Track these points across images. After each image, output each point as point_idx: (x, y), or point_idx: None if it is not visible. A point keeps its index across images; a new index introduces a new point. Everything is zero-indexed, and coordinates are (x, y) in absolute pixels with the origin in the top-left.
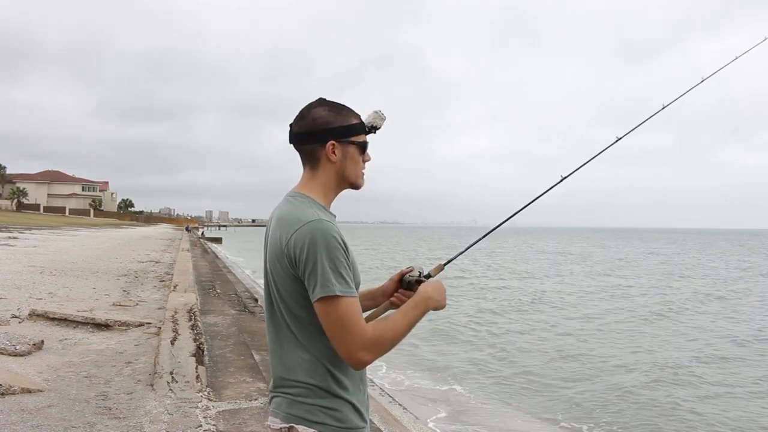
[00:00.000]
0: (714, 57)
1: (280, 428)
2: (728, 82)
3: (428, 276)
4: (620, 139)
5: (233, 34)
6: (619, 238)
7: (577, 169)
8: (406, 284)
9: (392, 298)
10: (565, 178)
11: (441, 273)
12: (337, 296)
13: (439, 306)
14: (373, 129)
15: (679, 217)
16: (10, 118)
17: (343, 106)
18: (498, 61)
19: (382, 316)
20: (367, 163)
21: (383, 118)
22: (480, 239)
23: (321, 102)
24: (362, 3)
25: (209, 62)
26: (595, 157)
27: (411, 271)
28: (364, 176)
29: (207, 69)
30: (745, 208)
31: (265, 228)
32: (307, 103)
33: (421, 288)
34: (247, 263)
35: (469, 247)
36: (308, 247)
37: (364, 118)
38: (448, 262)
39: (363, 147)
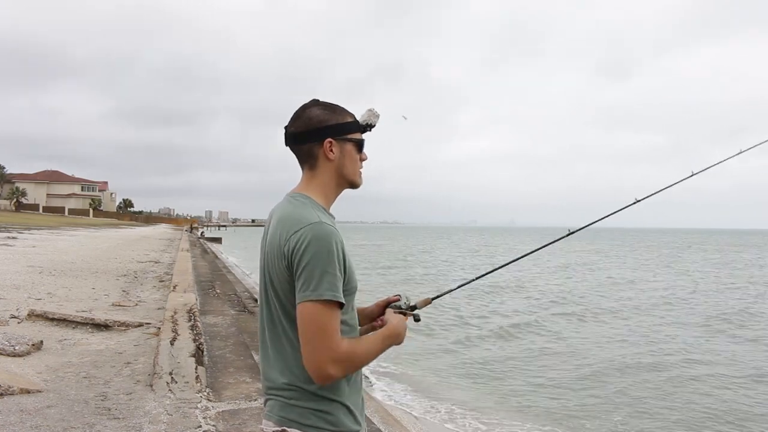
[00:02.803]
0: (691, 69)
1: (273, 431)
2: (723, 86)
3: (414, 308)
4: (639, 201)
5: (244, 41)
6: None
7: (590, 224)
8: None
9: (375, 323)
10: (572, 233)
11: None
12: (323, 302)
13: (399, 342)
14: (369, 127)
15: (675, 217)
16: (13, 120)
17: (337, 105)
18: (498, 71)
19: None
20: (365, 162)
21: (377, 116)
22: (472, 280)
23: (315, 102)
24: (370, 18)
25: (219, 69)
26: (612, 214)
27: (398, 300)
28: (362, 175)
29: (217, 76)
30: (737, 210)
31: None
32: (300, 105)
33: (394, 322)
34: (247, 263)
35: (461, 286)
36: (305, 249)
37: (358, 117)
38: (437, 297)
39: (360, 145)
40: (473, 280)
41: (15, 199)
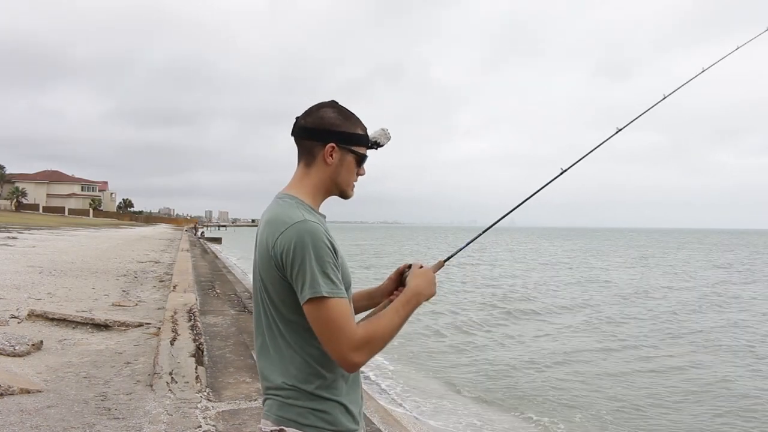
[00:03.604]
0: (691, 69)
1: (271, 431)
2: (723, 87)
3: None
4: (620, 130)
5: (244, 41)
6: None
7: (577, 162)
8: (405, 282)
9: (392, 297)
10: (566, 170)
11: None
12: (325, 297)
13: (430, 296)
14: (376, 145)
15: (670, 217)
16: (14, 121)
17: (353, 114)
18: (498, 71)
19: (373, 314)
20: (360, 177)
21: (389, 138)
22: (479, 235)
23: (332, 104)
24: (370, 18)
25: (219, 69)
26: (596, 148)
27: (407, 269)
28: (354, 188)
29: (218, 75)
30: (735, 210)
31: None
32: (319, 101)
33: (410, 282)
34: (247, 263)
35: (469, 243)
36: (294, 249)
37: (370, 132)
38: (449, 258)
39: (361, 159)
40: (479, 236)
41: (15, 199)
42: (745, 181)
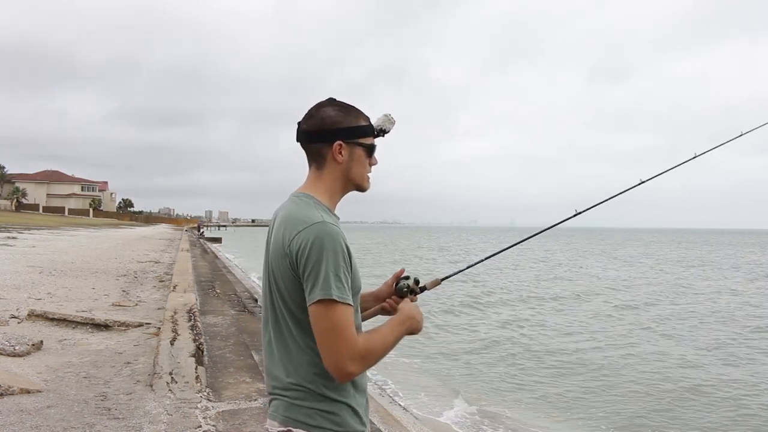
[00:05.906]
0: (691, 70)
1: (278, 431)
2: (722, 88)
3: (423, 288)
4: (644, 181)
5: (246, 43)
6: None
7: (592, 207)
8: (399, 291)
9: (384, 303)
10: (580, 213)
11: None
12: (334, 301)
13: (417, 329)
14: (382, 132)
15: (671, 217)
16: (14, 121)
17: (353, 107)
18: (498, 72)
19: (371, 328)
20: (373, 167)
21: (393, 122)
22: (483, 260)
23: (330, 101)
24: (371, 19)
25: (220, 69)
26: (617, 195)
27: (402, 273)
28: (370, 179)
29: (219, 76)
30: (734, 210)
31: (267, 228)
32: (316, 102)
33: (406, 307)
34: (247, 263)
35: (469, 267)
36: (311, 249)
37: (373, 121)
38: (446, 277)
39: (370, 149)
40: (482, 260)
41: (15, 199)
42: (743, 182)
